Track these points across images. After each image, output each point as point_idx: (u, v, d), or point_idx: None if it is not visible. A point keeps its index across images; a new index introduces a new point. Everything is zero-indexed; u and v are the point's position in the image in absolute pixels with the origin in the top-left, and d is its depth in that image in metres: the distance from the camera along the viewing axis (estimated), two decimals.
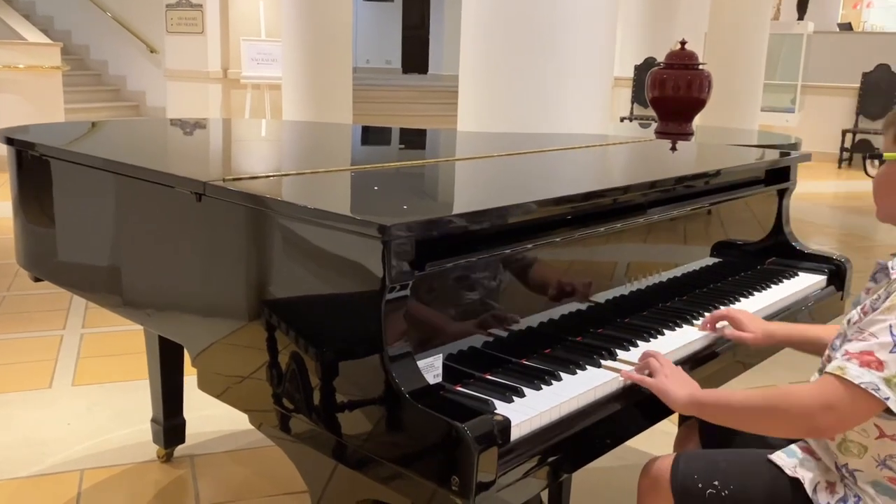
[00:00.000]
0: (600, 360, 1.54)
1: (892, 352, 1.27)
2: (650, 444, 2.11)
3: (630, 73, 10.66)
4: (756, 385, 1.69)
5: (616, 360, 1.56)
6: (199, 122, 3.31)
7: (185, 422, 2.69)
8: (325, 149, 2.68)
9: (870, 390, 1.25)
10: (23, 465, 2.65)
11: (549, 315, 1.61)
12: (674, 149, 2.88)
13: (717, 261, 2.12)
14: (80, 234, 2.14)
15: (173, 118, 4.94)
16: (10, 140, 2.29)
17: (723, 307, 1.87)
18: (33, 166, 2.25)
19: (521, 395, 1.37)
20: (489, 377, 1.44)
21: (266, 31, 10.16)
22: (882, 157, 1.45)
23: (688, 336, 1.73)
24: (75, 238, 2.16)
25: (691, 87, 4.46)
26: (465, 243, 1.41)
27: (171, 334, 1.88)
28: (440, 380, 1.36)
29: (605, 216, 1.71)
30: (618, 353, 1.58)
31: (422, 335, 1.36)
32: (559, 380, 1.44)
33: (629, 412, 1.49)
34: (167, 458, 2.68)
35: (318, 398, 1.38)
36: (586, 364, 1.51)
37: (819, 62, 11.22)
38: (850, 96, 11.10)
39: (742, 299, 1.99)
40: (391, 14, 17.80)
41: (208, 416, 2.79)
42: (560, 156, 2.40)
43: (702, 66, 4.54)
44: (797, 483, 1.43)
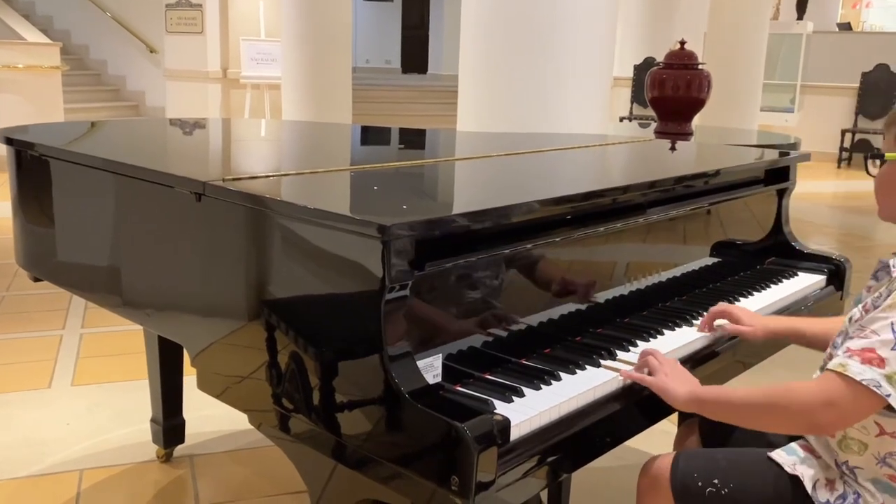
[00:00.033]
0: (600, 360, 1.54)
1: (893, 349, 1.27)
2: (650, 443, 2.11)
3: (629, 72, 10.67)
4: (756, 384, 1.68)
5: (616, 360, 1.56)
6: (199, 122, 3.31)
7: (184, 422, 2.68)
8: (324, 149, 2.68)
9: (871, 387, 1.26)
10: (22, 465, 2.64)
11: (549, 315, 1.61)
12: (673, 149, 2.88)
13: (716, 261, 2.12)
14: (79, 234, 2.13)
15: (173, 118, 4.94)
16: (9, 140, 2.29)
17: (725, 304, 1.86)
18: (33, 166, 2.25)
19: (521, 394, 1.37)
20: (489, 377, 1.44)
21: (266, 30, 10.16)
22: (883, 157, 1.45)
23: (687, 336, 1.73)
24: (75, 238, 2.16)
25: (691, 87, 4.46)
26: (464, 243, 1.41)
27: (170, 334, 1.88)
28: (440, 380, 1.36)
29: (604, 216, 1.71)
30: (617, 353, 1.58)
31: (421, 335, 1.36)
32: (559, 380, 1.44)
33: (629, 412, 1.49)
34: (167, 458, 2.68)
35: (317, 398, 1.38)
36: (586, 364, 1.51)
37: (818, 62, 11.22)
38: (850, 96, 11.11)
39: (742, 299, 1.99)
40: (391, 14, 17.80)
41: (208, 416, 2.79)
42: (559, 156, 2.40)
43: (701, 66, 4.54)
44: (797, 480, 1.43)
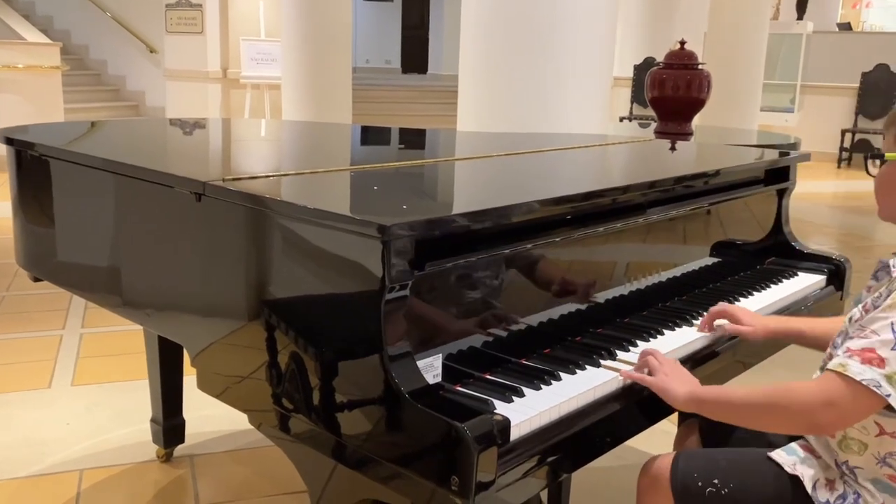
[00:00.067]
0: (600, 360, 1.54)
1: (893, 349, 1.27)
2: (650, 443, 2.11)
3: (629, 72, 10.67)
4: (756, 384, 1.68)
5: (616, 360, 1.56)
6: (199, 122, 3.31)
7: (184, 422, 2.68)
8: (324, 149, 2.68)
9: (871, 387, 1.26)
10: (22, 465, 2.64)
11: (549, 315, 1.61)
12: (673, 149, 2.88)
13: (716, 261, 2.12)
14: (79, 234, 2.13)
15: (173, 118, 4.94)
16: (9, 140, 2.29)
17: (725, 304, 1.85)
18: (33, 166, 2.25)
19: (521, 394, 1.37)
20: (489, 377, 1.44)
21: (266, 30, 10.16)
22: (883, 157, 1.45)
23: (687, 336, 1.73)
24: (75, 238, 2.16)
25: (691, 87, 4.46)
26: (464, 243, 1.41)
27: (170, 334, 1.88)
28: (440, 380, 1.36)
29: (604, 216, 1.71)
30: (617, 354, 1.58)
31: (421, 335, 1.36)
32: (559, 380, 1.44)
33: (628, 412, 1.49)
34: (167, 457, 2.68)
35: (317, 398, 1.38)
36: (586, 364, 1.51)
37: (818, 62, 11.22)
38: (850, 96, 11.11)
39: (742, 299, 1.99)
40: (391, 14, 17.80)
41: (208, 415, 2.79)
42: (559, 156, 2.40)
43: (701, 66, 4.54)
44: (797, 480, 1.43)
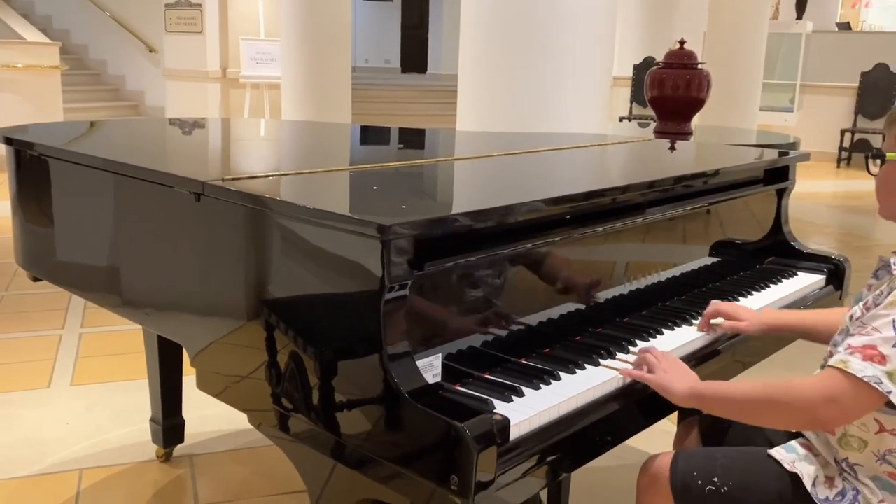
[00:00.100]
0: (599, 360, 1.54)
1: (894, 346, 1.28)
2: (649, 443, 2.11)
3: (629, 72, 10.67)
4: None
5: (615, 360, 1.56)
6: (198, 122, 3.31)
7: (184, 421, 2.68)
8: (324, 148, 2.68)
9: (872, 384, 1.26)
10: (22, 465, 2.64)
11: (548, 315, 1.61)
12: (673, 148, 2.88)
13: (716, 260, 2.12)
14: (78, 233, 2.13)
15: (172, 118, 4.94)
16: (8, 140, 2.29)
17: (717, 301, 1.83)
18: (32, 166, 2.25)
19: (521, 394, 1.37)
20: (488, 377, 1.44)
21: (265, 30, 10.16)
22: (884, 157, 1.45)
23: (687, 335, 1.73)
24: (74, 238, 2.16)
25: (690, 87, 4.46)
26: (464, 243, 1.41)
27: (169, 334, 1.88)
28: (439, 379, 1.36)
29: (604, 216, 1.71)
30: (617, 354, 1.58)
31: (421, 334, 1.36)
32: (558, 379, 1.44)
33: (628, 411, 1.49)
34: (166, 457, 2.68)
35: (317, 398, 1.38)
36: (585, 364, 1.51)
37: (818, 62, 11.22)
38: (849, 96, 11.11)
39: (741, 299, 1.99)
40: (390, 13, 17.79)
41: (207, 415, 2.79)
42: (559, 155, 2.40)
43: (701, 66, 4.54)
44: (796, 478, 1.43)
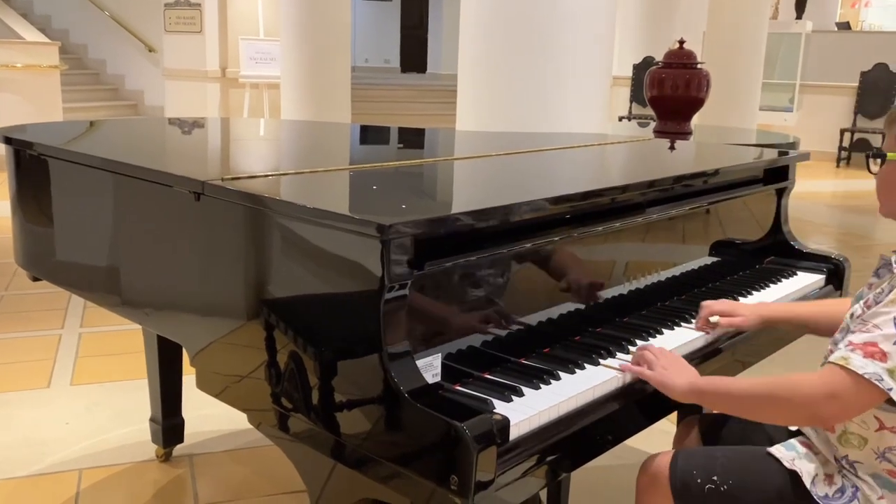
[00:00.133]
0: (599, 360, 1.54)
1: (895, 343, 1.28)
2: (649, 442, 2.11)
3: (629, 72, 10.67)
4: None
5: (615, 360, 1.56)
6: (198, 122, 3.31)
7: (183, 421, 2.68)
8: (323, 148, 2.68)
9: (873, 380, 1.27)
10: (21, 465, 2.64)
11: (548, 314, 1.61)
12: (672, 148, 2.88)
13: (715, 260, 2.12)
14: (78, 233, 2.13)
15: (171, 117, 4.94)
16: (8, 139, 2.29)
17: (709, 300, 1.81)
18: (31, 166, 2.24)
19: (520, 394, 1.37)
20: (488, 376, 1.44)
21: (264, 30, 10.16)
22: (885, 156, 1.46)
23: (687, 335, 1.73)
24: (74, 237, 2.16)
25: (690, 87, 4.46)
26: (463, 243, 1.41)
27: (169, 333, 1.88)
28: (439, 379, 1.36)
29: (603, 215, 1.71)
30: (617, 353, 1.58)
31: (421, 334, 1.36)
32: (558, 379, 1.44)
33: (628, 411, 1.49)
34: (166, 457, 2.68)
35: (316, 397, 1.38)
36: (585, 363, 1.51)
37: (817, 61, 11.22)
38: (849, 95, 11.11)
39: (741, 298, 1.99)
40: (390, 13, 17.79)
41: (207, 415, 2.79)
42: (559, 155, 2.40)
43: (700, 66, 4.54)
44: (795, 476, 1.44)
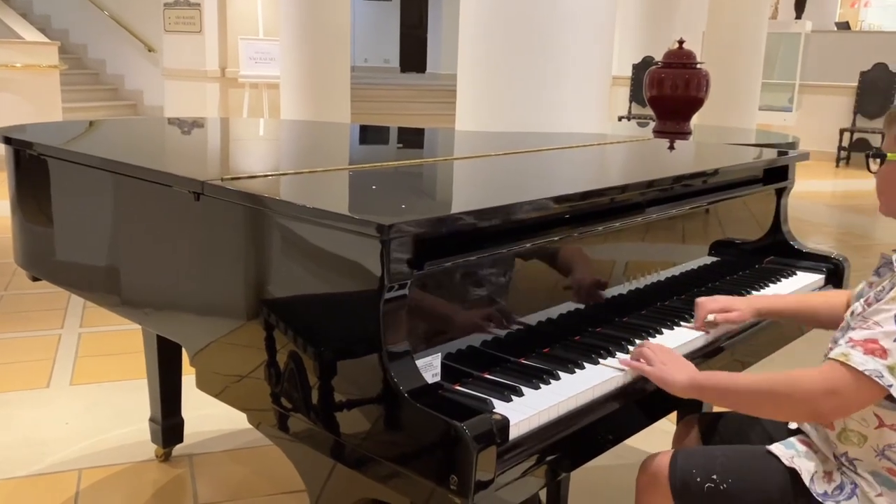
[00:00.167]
0: (598, 360, 1.54)
1: (895, 340, 1.28)
2: (648, 442, 2.11)
3: (628, 72, 10.66)
4: None
5: (615, 359, 1.56)
6: (197, 122, 3.31)
7: (183, 421, 2.68)
8: (323, 148, 2.68)
9: (873, 377, 1.27)
10: (21, 465, 2.64)
11: (548, 314, 1.61)
12: (672, 148, 2.88)
13: (715, 260, 2.12)
14: (78, 233, 2.13)
15: (171, 117, 4.94)
16: (7, 139, 2.29)
17: (703, 298, 1.80)
18: (31, 165, 2.24)
19: (520, 394, 1.37)
20: (488, 376, 1.44)
21: (264, 29, 10.16)
22: (884, 157, 1.46)
23: (686, 335, 1.73)
24: (73, 237, 2.16)
25: (689, 87, 4.46)
26: (463, 242, 1.41)
27: (169, 333, 1.88)
28: (439, 379, 1.36)
29: (603, 215, 1.71)
30: (617, 353, 1.58)
31: (420, 334, 1.36)
32: (558, 379, 1.44)
33: (627, 411, 1.49)
34: (165, 457, 2.68)
35: (316, 397, 1.38)
36: (585, 363, 1.52)
37: (817, 61, 11.23)
38: (848, 95, 11.11)
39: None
40: (389, 13, 17.79)
41: (207, 415, 2.79)
42: (558, 155, 2.40)
43: (700, 66, 4.54)
44: (795, 474, 1.44)
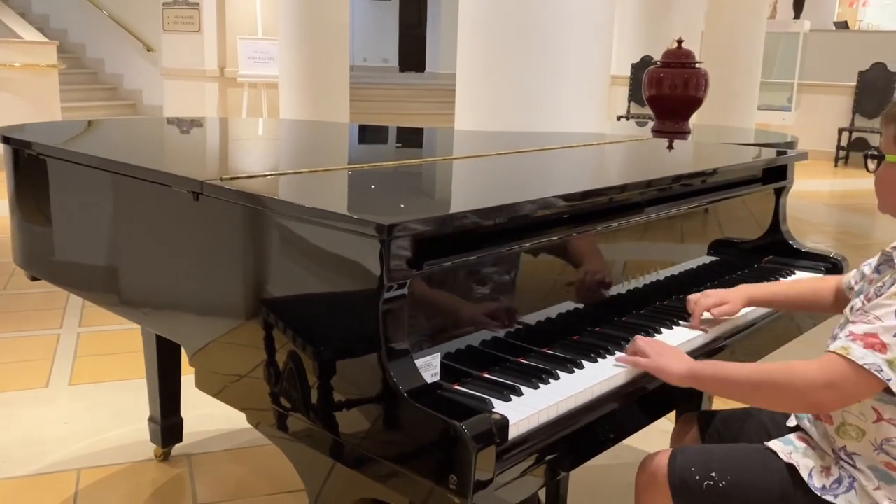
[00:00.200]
0: (598, 359, 1.54)
1: (895, 335, 1.29)
2: (647, 441, 2.11)
3: (627, 71, 10.65)
4: None
5: (614, 359, 1.56)
6: (196, 121, 3.31)
7: (182, 420, 2.68)
8: (322, 148, 2.68)
9: (873, 371, 1.28)
10: (20, 465, 2.64)
11: (547, 314, 1.61)
12: (671, 147, 2.88)
13: (714, 259, 2.12)
14: (76, 233, 2.13)
15: (170, 117, 4.93)
16: (6, 139, 2.29)
17: (694, 294, 1.80)
18: (30, 165, 2.24)
19: (519, 393, 1.37)
20: (487, 376, 1.44)
21: (263, 29, 10.15)
22: (883, 157, 1.46)
23: (685, 334, 1.73)
24: (72, 237, 2.15)
25: (688, 86, 4.46)
26: (463, 242, 1.41)
27: (168, 333, 1.88)
28: (438, 378, 1.36)
29: (601, 215, 1.71)
30: (616, 353, 1.58)
31: (420, 334, 1.36)
32: (557, 378, 1.44)
33: (627, 410, 1.49)
34: (164, 457, 2.68)
35: (315, 397, 1.38)
36: (584, 362, 1.52)
37: (815, 60, 11.23)
38: (847, 94, 11.12)
39: None
40: (388, 12, 17.80)
41: (206, 414, 2.79)
42: (557, 155, 2.40)
43: (698, 65, 4.54)
44: (793, 469, 1.45)
